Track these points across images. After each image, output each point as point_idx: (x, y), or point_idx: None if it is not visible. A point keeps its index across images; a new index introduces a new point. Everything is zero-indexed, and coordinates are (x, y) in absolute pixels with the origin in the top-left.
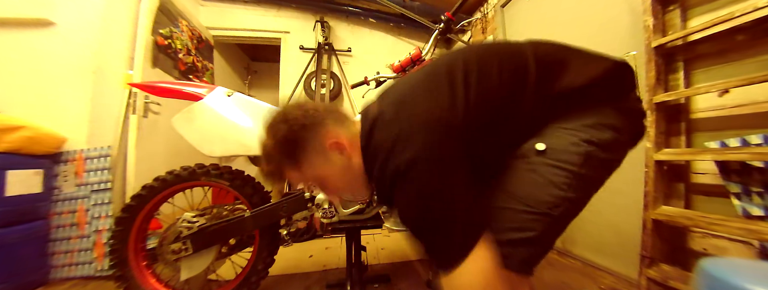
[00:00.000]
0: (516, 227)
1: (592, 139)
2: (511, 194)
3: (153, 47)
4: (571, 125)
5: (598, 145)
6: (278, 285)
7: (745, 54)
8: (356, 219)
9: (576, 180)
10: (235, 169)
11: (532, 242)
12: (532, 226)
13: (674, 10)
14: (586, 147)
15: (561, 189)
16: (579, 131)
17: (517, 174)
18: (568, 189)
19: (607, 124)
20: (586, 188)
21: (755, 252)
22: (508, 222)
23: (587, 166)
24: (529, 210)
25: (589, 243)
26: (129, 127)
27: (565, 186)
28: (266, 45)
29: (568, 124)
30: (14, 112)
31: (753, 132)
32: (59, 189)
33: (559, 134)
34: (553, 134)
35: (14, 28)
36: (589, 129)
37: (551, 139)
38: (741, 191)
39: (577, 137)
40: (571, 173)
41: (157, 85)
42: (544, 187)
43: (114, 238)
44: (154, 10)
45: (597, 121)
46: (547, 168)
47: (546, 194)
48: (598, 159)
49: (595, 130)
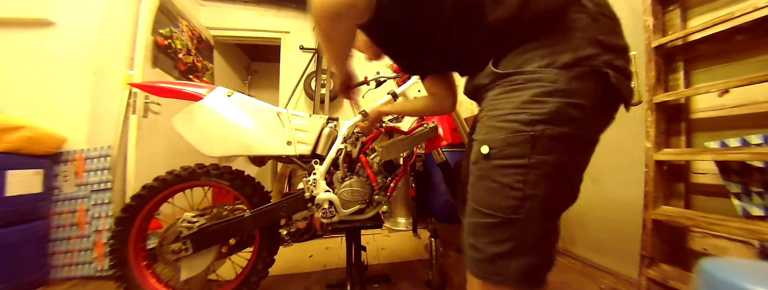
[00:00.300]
0: (491, 240)
1: (533, 118)
2: (476, 205)
3: (153, 47)
4: (509, 106)
5: (543, 122)
6: (278, 285)
7: (745, 54)
8: (356, 219)
9: (531, 174)
10: (235, 169)
11: (517, 253)
12: (507, 236)
13: (674, 10)
14: (529, 130)
15: (516, 190)
16: (518, 113)
17: (475, 184)
18: (524, 186)
19: (546, 92)
20: (550, 175)
21: (755, 252)
22: (485, 236)
23: (539, 152)
24: (496, 221)
25: (589, 243)
26: (129, 127)
27: (520, 184)
28: (266, 45)
29: (506, 103)
30: (14, 112)
31: (753, 132)
32: (59, 189)
33: (498, 125)
34: (492, 126)
35: (14, 28)
36: (527, 106)
37: (491, 135)
38: (741, 191)
39: (517, 122)
40: (521, 168)
41: (157, 85)
42: (500, 192)
43: (114, 238)
44: (154, 10)
45: (535, 92)
46: (497, 171)
47: (504, 199)
48: (550, 137)
49: (535, 105)
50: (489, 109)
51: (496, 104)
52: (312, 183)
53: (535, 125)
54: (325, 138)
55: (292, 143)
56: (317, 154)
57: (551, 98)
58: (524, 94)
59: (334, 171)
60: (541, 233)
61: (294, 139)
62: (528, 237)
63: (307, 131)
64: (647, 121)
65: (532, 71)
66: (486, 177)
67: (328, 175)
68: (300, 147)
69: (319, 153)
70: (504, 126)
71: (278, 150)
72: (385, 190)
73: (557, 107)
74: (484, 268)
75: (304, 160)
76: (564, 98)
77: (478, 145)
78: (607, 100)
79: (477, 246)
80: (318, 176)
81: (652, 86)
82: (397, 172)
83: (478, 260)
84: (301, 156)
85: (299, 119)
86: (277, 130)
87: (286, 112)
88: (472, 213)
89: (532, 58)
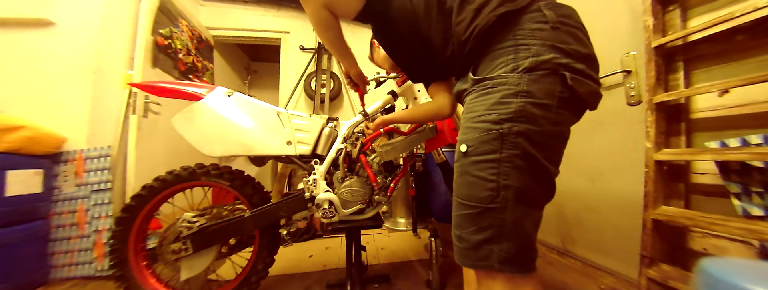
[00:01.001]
0: (474, 229)
1: (500, 117)
2: (459, 198)
3: (153, 47)
4: (481, 109)
5: (509, 120)
6: (278, 285)
7: (745, 54)
8: (356, 219)
9: (502, 166)
10: (235, 169)
11: (498, 238)
12: (487, 224)
13: (674, 10)
14: (498, 128)
15: (491, 181)
16: (488, 114)
17: (457, 180)
18: (498, 178)
19: (511, 94)
20: (521, 168)
21: (755, 252)
22: (468, 226)
23: (508, 147)
24: (476, 211)
25: (589, 243)
26: (129, 127)
27: (494, 176)
28: (266, 45)
29: (479, 106)
30: (14, 112)
31: (753, 132)
32: (59, 189)
33: (473, 126)
34: (468, 127)
35: (14, 28)
36: (495, 107)
37: (468, 135)
38: (741, 191)
39: (488, 122)
40: (494, 162)
41: (157, 85)
42: (478, 184)
43: (114, 238)
44: (154, 10)
45: (502, 94)
46: (474, 166)
47: (481, 190)
48: (516, 133)
49: (501, 106)
50: (467, 112)
51: (472, 107)
52: (312, 183)
53: (503, 123)
54: (325, 138)
55: (292, 143)
56: (317, 154)
57: (515, 99)
58: (493, 97)
59: (334, 171)
60: (517, 219)
61: (294, 138)
62: (506, 224)
63: (307, 131)
64: (647, 121)
65: (500, 76)
66: (466, 173)
67: (328, 175)
68: (300, 147)
69: (319, 153)
70: (477, 126)
71: (278, 150)
72: (385, 190)
73: (520, 107)
74: (470, 256)
75: (304, 160)
76: (527, 98)
77: (458, 144)
78: (570, 100)
79: (462, 237)
80: (318, 176)
81: (652, 86)
82: (397, 172)
83: (464, 249)
84: (301, 156)
85: (299, 119)
86: (277, 130)
87: (286, 112)
88: (456, 207)
89: (499, 64)
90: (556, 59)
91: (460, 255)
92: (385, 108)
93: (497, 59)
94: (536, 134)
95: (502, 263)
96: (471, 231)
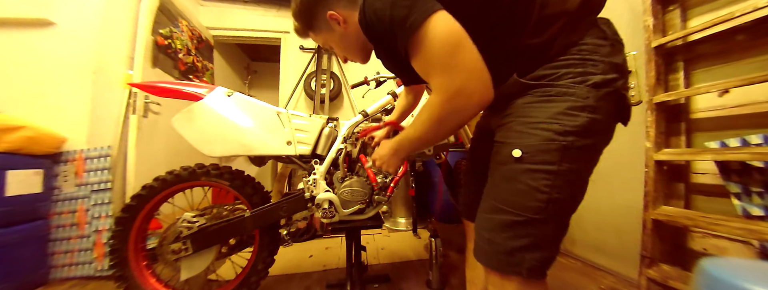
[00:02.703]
0: (511, 235)
1: (566, 129)
2: (500, 204)
3: (153, 47)
4: (542, 115)
5: (574, 134)
6: (278, 285)
7: (745, 54)
8: (356, 219)
9: (558, 179)
10: (235, 169)
11: (534, 247)
12: (527, 233)
13: (674, 10)
14: (561, 140)
15: (544, 193)
16: (551, 123)
17: (501, 184)
18: (551, 190)
19: (578, 106)
20: (572, 182)
21: (755, 252)
22: (505, 232)
23: (567, 160)
24: (519, 219)
25: (589, 243)
26: (129, 127)
27: (547, 189)
28: (266, 45)
29: (538, 112)
30: (14, 111)
31: (753, 132)
32: (59, 189)
33: (531, 131)
34: (524, 132)
35: (14, 28)
36: (560, 117)
37: (524, 139)
38: (741, 191)
39: (550, 131)
40: (550, 174)
41: (157, 85)
42: (528, 194)
43: (114, 238)
44: (154, 10)
45: (569, 105)
46: (527, 175)
47: (530, 200)
48: (578, 148)
49: (567, 117)
50: (519, 115)
51: (528, 111)
52: (312, 183)
53: (567, 136)
54: (325, 138)
55: (292, 143)
56: (317, 154)
57: (582, 113)
58: (558, 105)
59: (334, 171)
60: (557, 232)
61: (294, 138)
62: (546, 235)
63: (307, 131)
64: (647, 121)
65: (566, 85)
66: (515, 179)
67: (328, 175)
68: (300, 147)
69: (319, 153)
70: (537, 133)
71: (278, 150)
72: (385, 190)
73: (587, 121)
74: (503, 260)
75: (304, 160)
76: (591, 114)
77: (508, 147)
78: (616, 119)
79: (495, 241)
80: (318, 176)
81: (652, 86)
82: (397, 172)
83: (495, 253)
84: (301, 156)
85: (299, 119)
86: (277, 130)
87: (286, 112)
88: (492, 210)
89: (564, 73)
90: (618, 80)
91: (488, 258)
92: (385, 108)
93: (561, 68)
94: (594, 152)
95: (530, 270)
96: (507, 236)
